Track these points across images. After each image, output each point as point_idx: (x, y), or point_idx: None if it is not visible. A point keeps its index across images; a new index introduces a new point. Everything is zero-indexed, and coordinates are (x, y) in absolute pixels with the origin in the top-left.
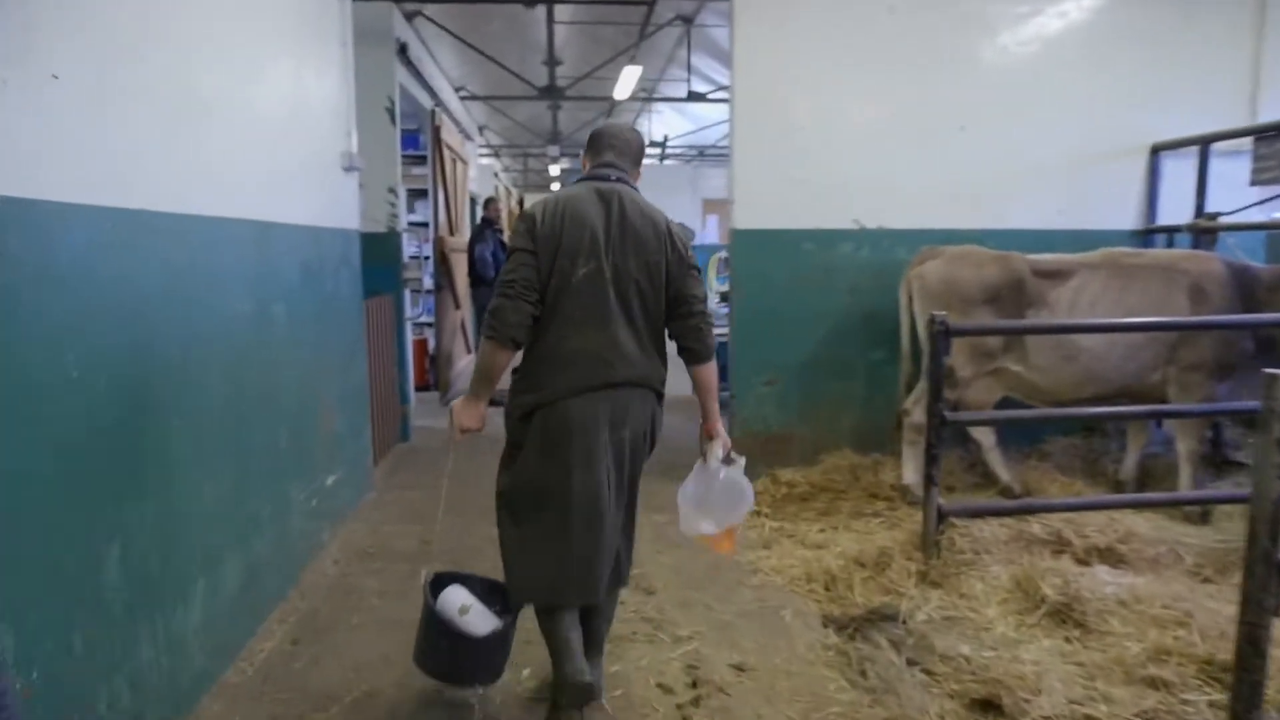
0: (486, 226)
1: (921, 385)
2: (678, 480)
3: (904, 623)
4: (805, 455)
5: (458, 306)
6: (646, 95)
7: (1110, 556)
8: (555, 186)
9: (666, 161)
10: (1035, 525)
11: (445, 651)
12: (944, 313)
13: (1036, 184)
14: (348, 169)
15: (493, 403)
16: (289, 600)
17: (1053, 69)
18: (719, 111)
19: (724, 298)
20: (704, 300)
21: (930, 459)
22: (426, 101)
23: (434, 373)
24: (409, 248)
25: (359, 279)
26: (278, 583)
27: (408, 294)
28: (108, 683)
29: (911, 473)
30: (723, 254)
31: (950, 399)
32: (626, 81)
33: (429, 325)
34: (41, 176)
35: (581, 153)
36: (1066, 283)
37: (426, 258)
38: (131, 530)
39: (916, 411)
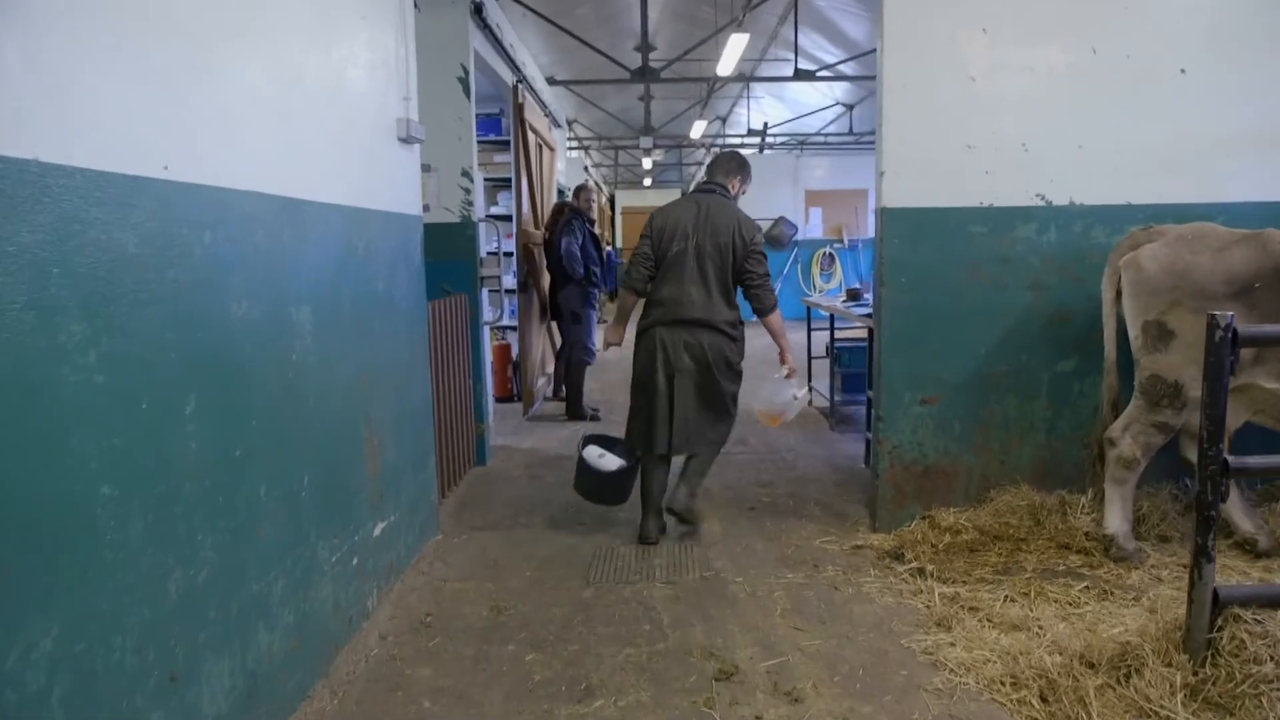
0: (575, 217)
1: (1132, 408)
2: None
3: None
4: (971, 492)
5: (544, 309)
6: (746, 76)
7: None
8: (648, 182)
9: (767, 151)
10: None
11: (589, 481)
12: (1228, 313)
13: (1273, 144)
14: (405, 140)
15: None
16: (312, 699)
17: None
18: (821, 97)
19: (852, 296)
20: (763, 275)
21: (1204, 523)
22: (508, 75)
23: (517, 381)
24: (488, 242)
25: (421, 275)
26: (298, 679)
27: (485, 293)
28: None
29: (1118, 520)
30: (828, 249)
31: (1166, 423)
32: (732, 52)
33: (512, 329)
34: None
35: (703, 170)
36: None
37: (509, 254)
38: (40, 645)
39: (1126, 441)
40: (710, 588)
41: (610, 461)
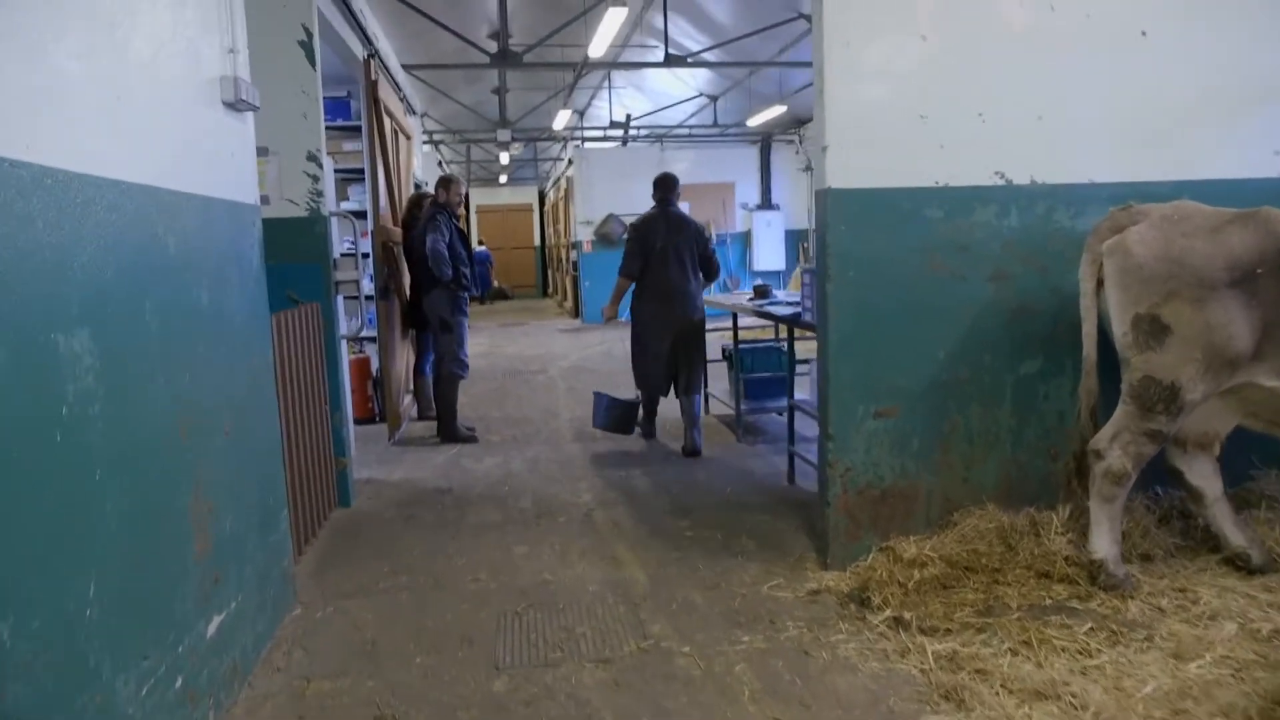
0: (439, 211)
1: (1120, 414)
2: None
3: None
4: (932, 516)
5: (406, 317)
6: (611, 63)
7: None
8: (503, 179)
9: (631, 144)
10: None
11: (605, 412)
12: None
13: (1247, 114)
14: (234, 105)
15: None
16: None
17: None
18: (684, 88)
19: (760, 293)
20: (713, 254)
21: None
22: (359, 49)
23: (379, 401)
24: (340, 242)
25: (260, 281)
26: None
27: (341, 301)
28: None
29: (1106, 543)
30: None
31: (1160, 431)
32: (608, 29)
33: (370, 340)
34: None
35: (652, 191)
36: None
37: (365, 255)
38: None
39: (1115, 452)
40: (653, 665)
41: (620, 398)
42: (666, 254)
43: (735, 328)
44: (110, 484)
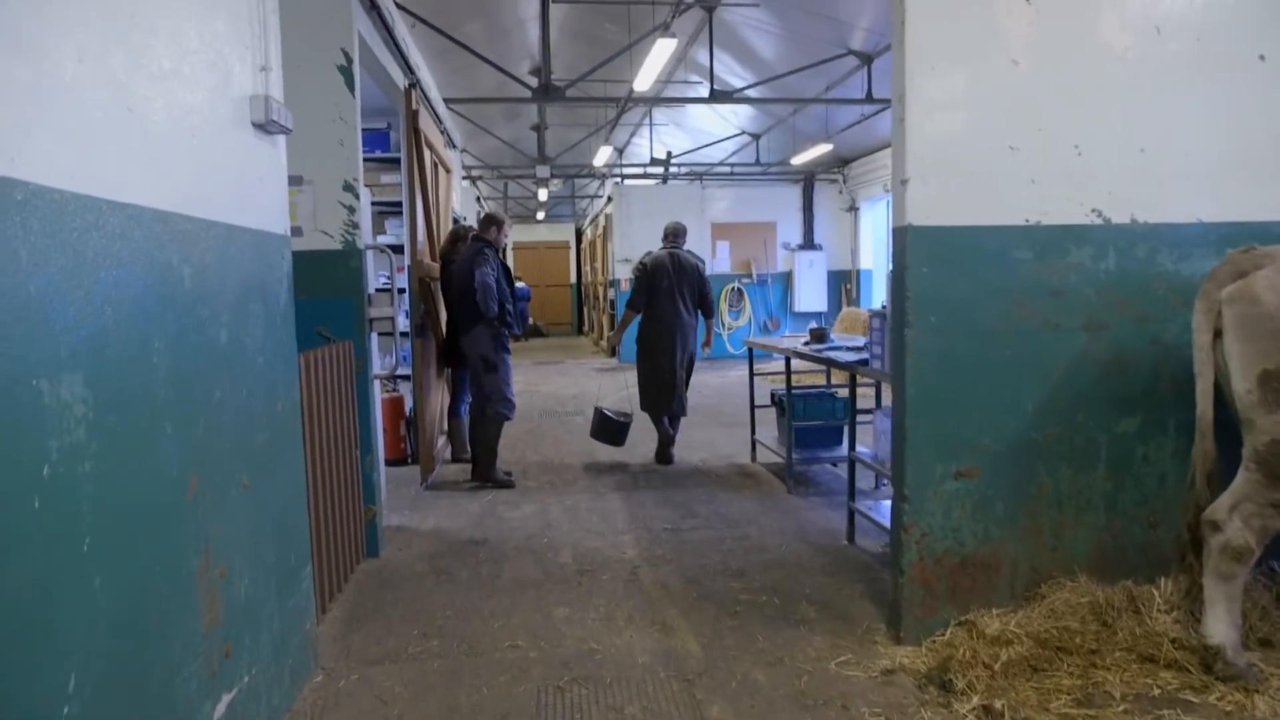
0: (487, 246)
1: (1243, 482)
2: None
3: None
4: (1017, 588)
5: (442, 355)
6: (652, 99)
7: None
8: (540, 215)
9: (672, 182)
10: None
11: (599, 427)
12: None
13: None
14: (264, 127)
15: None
16: None
17: None
18: (725, 125)
19: (817, 337)
20: (710, 295)
21: None
22: (399, 77)
23: (412, 440)
24: (376, 276)
25: (289, 318)
26: None
27: (374, 338)
28: None
29: (1224, 626)
30: (736, 285)
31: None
32: (655, 60)
33: (404, 379)
34: None
35: (662, 238)
36: None
37: (401, 290)
38: None
39: (1235, 524)
40: None
41: (616, 417)
42: (671, 291)
43: (789, 372)
44: (101, 555)
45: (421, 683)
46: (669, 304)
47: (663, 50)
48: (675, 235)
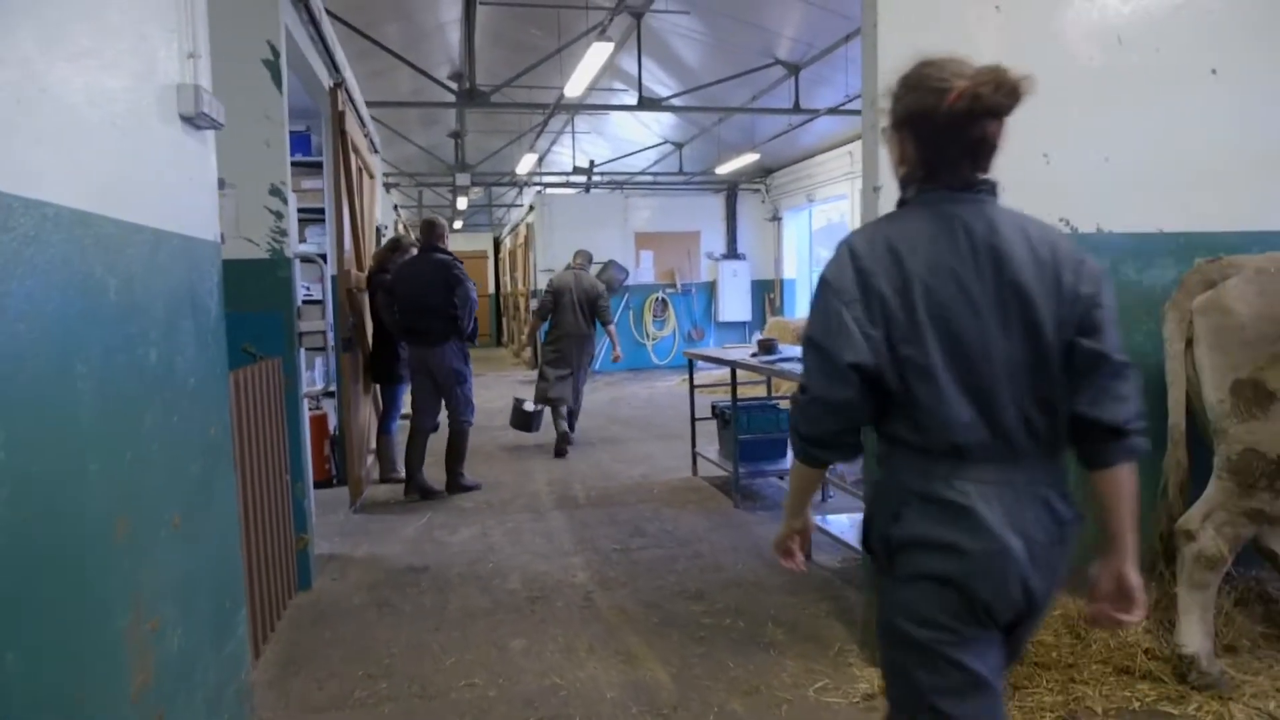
0: (457, 261)
1: (1215, 491)
2: None
3: None
4: None
5: (369, 370)
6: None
7: None
8: (458, 224)
9: (594, 191)
10: None
11: (516, 416)
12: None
13: None
14: (193, 121)
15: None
16: None
17: None
18: (648, 134)
19: (765, 348)
20: (607, 307)
21: None
22: (325, 76)
23: (337, 461)
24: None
25: (220, 334)
26: None
27: (302, 354)
28: None
29: (1198, 636)
30: (660, 294)
31: (1261, 510)
32: (592, 62)
33: (329, 395)
34: None
35: (572, 258)
36: None
37: (318, 301)
38: None
39: (1208, 533)
40: None
41: (530, 408)
42: (572, 305)
43: (734, 384)
44: (11, 625)
45: None
46: (569, 316)
47: (597, 55)
48: (584, 258)
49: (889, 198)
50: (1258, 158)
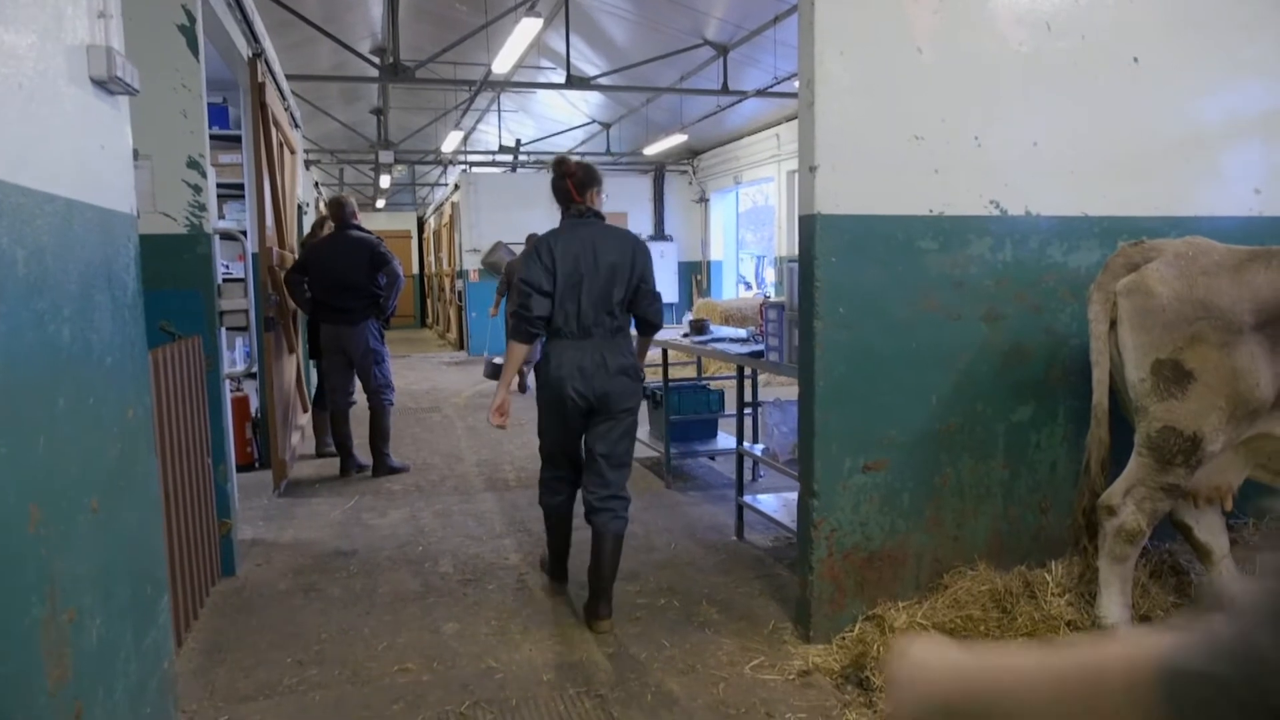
0: (379, 240)
1: (1135, 467)
2: None
3: None
4: (922, 580)
5: (293, 350)
6: (500, 83)
7: None
8: (380, 203)
9: (521, 170)
10: None
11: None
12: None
13: (1229, 149)
14: (105, 85)
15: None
16: None
17: None
18: (575, 114)
19: (697, 329)
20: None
21: None
22: (244, 46)
23: (259, 444)
24: (221, 264)
25: (138, 311)
26: None
27: (223, 334)
28: None
29: (1118, 607)
30: None
31: (1177, 485)
32: (521, 39)
33: (250, 377)
34: None
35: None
36: None
37: (239, 280)
38: None
39: (1128, 508)
40: None
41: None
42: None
43: (665, 364)
44: None
45: (303, 719)
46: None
47: (526, 31)
48: (495, 249)
49: (825, 177)
50: (1176, 145)
